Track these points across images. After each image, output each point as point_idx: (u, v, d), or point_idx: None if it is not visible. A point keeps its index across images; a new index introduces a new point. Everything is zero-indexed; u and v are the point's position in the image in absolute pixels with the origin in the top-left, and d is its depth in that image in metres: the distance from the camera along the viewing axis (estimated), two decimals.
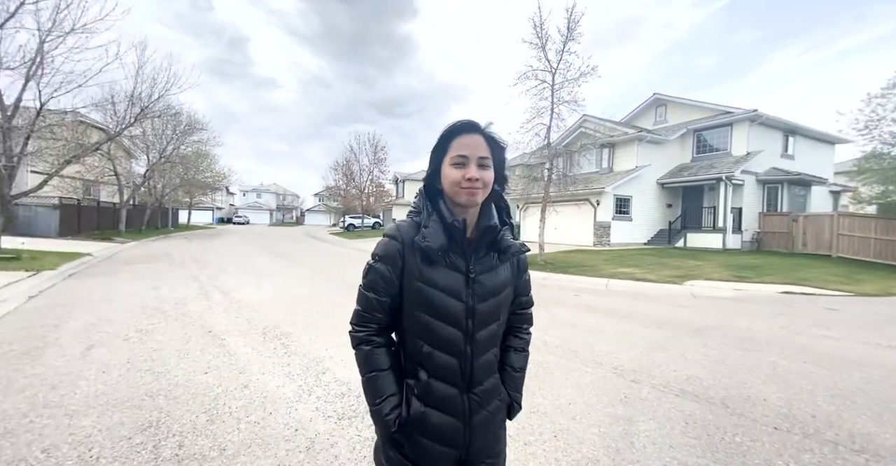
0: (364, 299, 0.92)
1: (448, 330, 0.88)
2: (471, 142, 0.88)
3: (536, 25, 10.79)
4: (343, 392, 2.72)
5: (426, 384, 0.89)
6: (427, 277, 0.87)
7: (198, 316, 4.59)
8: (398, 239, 0.90)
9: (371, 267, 0.92)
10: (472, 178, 0.86)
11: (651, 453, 2.04)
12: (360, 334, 0.92)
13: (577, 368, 3.24)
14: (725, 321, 5.05)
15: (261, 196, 65.49)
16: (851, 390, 2.93)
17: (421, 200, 0.95)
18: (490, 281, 0.92)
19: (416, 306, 0.89)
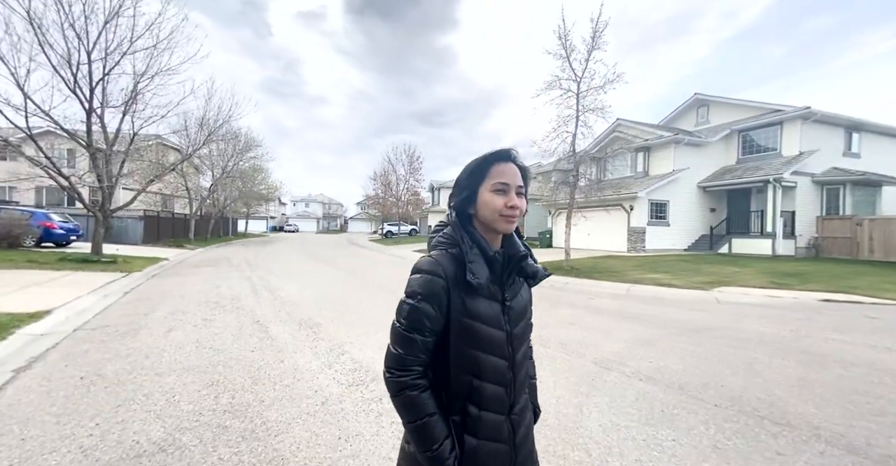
0: (406, 341, 0.85)
1: (494, 361, 0.88)
2: (509, 171, 0.89)
3: (561, 36, 11.10)
4: (355, 368, 3.33)
5: (477, 418, 0.87)
6: (473, 312, 0.86)
7: (249, 310, 5.50)
8: (441, 275, 0.85)
9: (414, 307, 0.85)
10: (514, 206, 0.87)
11: (594, 417, 2.41)
12: (403, 379, 0.84)
13: (559, 357, 3.60)
14: (734, 324, 5.04)
15: (309, 205, 70.20)
16: (819, 383, 3.02)
17: (457, 232, 0.91)
18: (518, 304, 0.94)
19: (463, 341, 0.86)
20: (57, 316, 4.83)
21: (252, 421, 2.42)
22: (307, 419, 2.47)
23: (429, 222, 35.87)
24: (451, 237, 0.91)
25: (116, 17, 9.39)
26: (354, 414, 2.53)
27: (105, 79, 9.83)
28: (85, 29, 9.23)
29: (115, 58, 9.70)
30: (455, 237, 0.90)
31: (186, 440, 2.19)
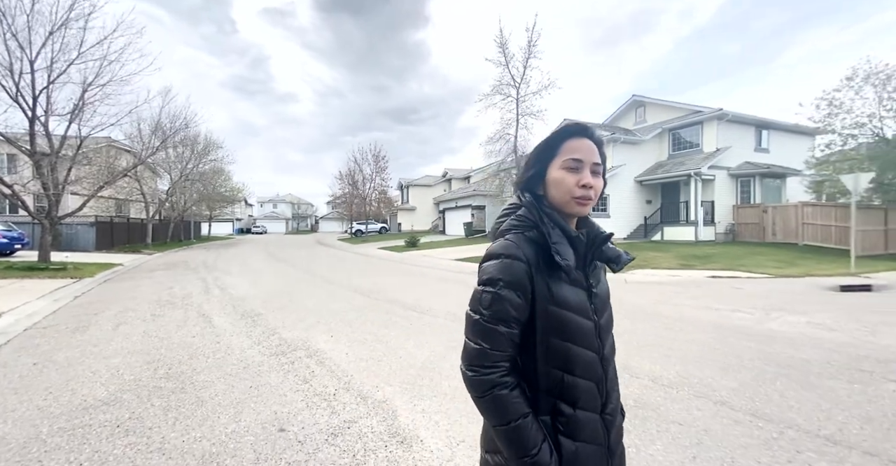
0: (489, 333, 0.76)
1: (586, 355, 0.81)
2: (584, 147, 0.81)
3: (500, 45, 12.01)
4: (280, 343, 4.02)
5: (573, 417, 0.79)
6: (560, 298, 0.78)
7: (197, 305, 6.02)
8: (523, 259, 0.77)
9: (496, 295, 0.76)
10: (587, 185, 0.79)
11: (444, 362, 3.25)
12: (490, 376, 0.76)
13: (449, 325, 4.44)
14: (618, 297, 6.10)
15: (277, 206, 68.62)
16: (639, 330, 4.02)
17: (534, 212, 0.82)
18: (603, 291, 0.88)
19: (552, 332, 0.78)
20: (6, 319, 5.18)
21: (183, 382, 3.07)
22: (228, 378, 3.15)
23: (398, 220, 36.36)
24: (527, 219, 0.82)
25: (64, 28, 9.39)
26: (268, 372, 3.24)
27: (49, 87, 9.80)
28: (28, 39, 9.19)
29: (61, 67, 9.69)
30: (531, 218, 0.81)
31: (126, 397, 2.83)
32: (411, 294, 6.84)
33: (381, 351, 3.75)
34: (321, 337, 4.27)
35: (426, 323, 4.81)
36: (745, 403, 2.62)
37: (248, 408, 2.62)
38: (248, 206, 66.58)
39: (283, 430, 2.33)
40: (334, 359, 3.55)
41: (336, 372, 3.26)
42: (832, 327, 4.35)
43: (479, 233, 22.81)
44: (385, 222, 41.29)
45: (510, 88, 12.19)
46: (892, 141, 11.14)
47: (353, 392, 2.87)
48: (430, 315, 5.20)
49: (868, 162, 11.62)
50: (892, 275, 8.20)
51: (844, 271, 8.45)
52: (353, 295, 6.77)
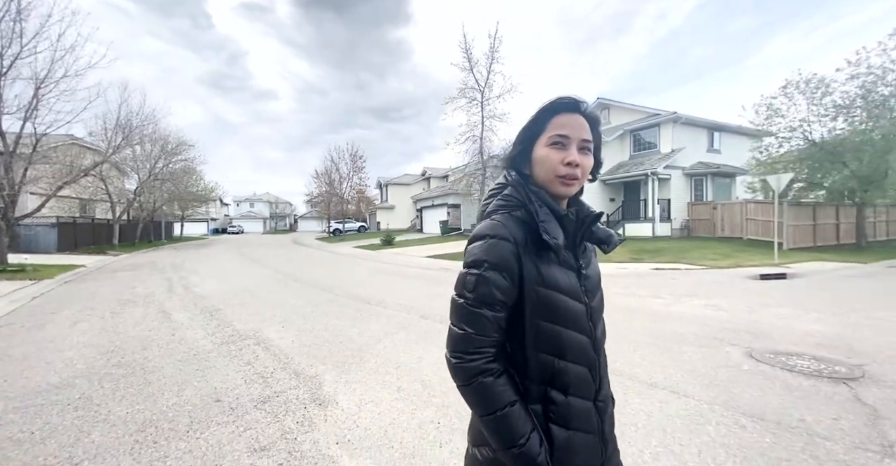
0: (475, 318, 0.72)
1: (577, 338, 0.77)
2: (573, 122, 0.76)
3: (464, 50, 12.46)
4: (232, 334, 4.34)
5: (565, 404, 0.75)
6: (549, 280, 0.74)
7: (158, 303, 6.21)
8: (510, 239, 0.73)
9: (481, 277, 0.72)
10: (572, 162, 0.74)
11: (378, 344, 3.67)
12: (474, 363, 0.71)
13: (395, 315, 4.87)
14: None
15: (254, 205, 67.23)
16: None
17: (521, 191, 0.78)
18: (593, 273, 0.84)
19: (541, 315, 0.74)
20: None
21: (133, 369, 3.36)
22: (177, 363, 3.46)
23: (377, 219, 36.45)
24: (514, 198, 0.79)
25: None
26: (216, 357, 3.57)
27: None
28: None
29: (7, 62, 9.49)
30: (518, 197, 0.78)
31: (78, 381, 3.11)
32: (371, 289, 7.21)
33: (325, 338, 4.13)
34: (273, 327, 4.60)
35: (375, 313, 5.20)
36: (610, 364, 3.15)
37: (191, 386, 2.95)
38: (224, 206, 64.96)
39: (218, 401, 2.69)
40: (280, 346, 3.91)
41: (279, 355, 3.62)
42: (722, 308, 5.02)
43: (454, 231, 23.30)
44: (364, 221, 41.28)
45: (475, 92, 12.67)
46: (818, 144, 12.23)
47: (290, 370, 3.24)
48: (381, 306, 5.60)
49: (799, 163, 12.72)
50: (808, 265, 9.15)
51: (771, 262, 9.34)
52: (316, 292, 7.08)
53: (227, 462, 2.00)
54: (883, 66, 11.07)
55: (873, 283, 7.09)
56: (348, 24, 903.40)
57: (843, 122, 11.95)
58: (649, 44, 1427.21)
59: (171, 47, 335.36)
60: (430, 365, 3.30)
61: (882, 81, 11.24)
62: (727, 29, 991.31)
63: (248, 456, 2.04)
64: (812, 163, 12.45)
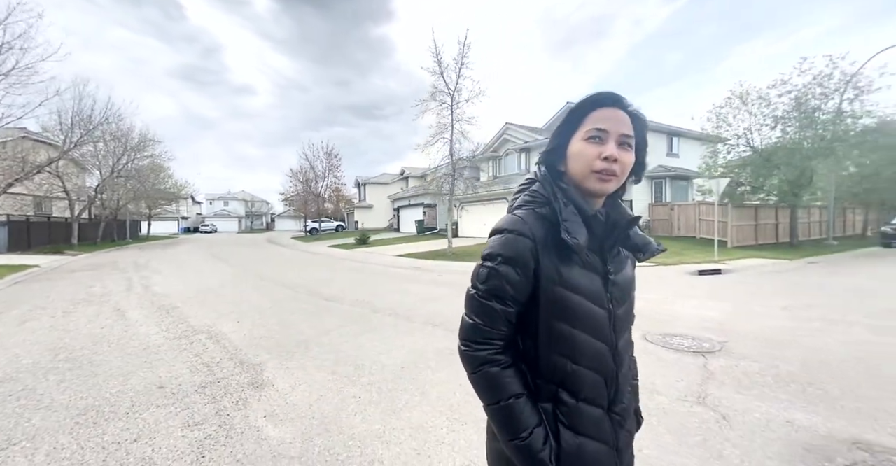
0: (484, 309, 0.73)
1: (594, 344, 0.75)
2: (613, 116, 0.72)
3: (434, 55, 12.73)
4: (186, 329, 4.49)
5: (575, 408, 0.74)
6: (569, 281, 0.72)
7: (114, 302, 6.21)
8: (528, 235, 0.72)
9: (493, 271, 0.73)
10: (609, 157, 0.71)
11: (325, 336, 3.94)
12: (481, 353, 0.73)
13: (350, 310, 5.14)
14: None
15: (228, 204, 65.29)
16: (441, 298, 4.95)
17: (547, 187, 0.77)
18: (623, 281, 0.80)
19: (557, 316, 0.73)
20: None
21: (81, 363, 3.49)
22: (126, 356, 3.61)
23: (355, 218, 36.28)
24: (541, 194, 0.78)
25: None
26: (166, 351, 3.74)
27: None
28: None
29: None
30: (545, 194, 0.77)
31: (23, 376, 3.22)
32: (335, 286, 7.42)
33: (277, 331, 4.35)
34: (228, 323, 4.76)
35: (331, 308, 5.44)
36: None
37: (137, 376, 3.13)
38: (196, 204, 62.77)
39: (161, 387, 2.90)
40: (231, 339, 4.10)
41: (228, 347, 3.82)
42: (649, 300, 5.56)
43: (430, 230, 23.60)
44: (342, 220, 40.96)
45: (445, 96, 12.97)
46: (758, 151, 13.28)
47: (236, 360, 3.46)
48: (339, 302, 5.83)
49: (743, 167, 13.76)
50: (743, 262, 9.99)
51: (712, 259, 10.14)
52: (279, 289, 7.22)
53: (160, 436, 2.23)
54: (808, 85, 12.18)
55: (788, 278, 7.89)
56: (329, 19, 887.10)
57: (779, 132, 13.03)
58: (627, 47, 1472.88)
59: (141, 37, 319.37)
60: (369, 351, 3.60)
61: (814, 95, 12.34)
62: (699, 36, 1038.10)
63: (181, 430, 2.28)
64: (754, 168, 13.49)
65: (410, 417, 2.41)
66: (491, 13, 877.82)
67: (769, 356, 3.35)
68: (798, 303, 5.28)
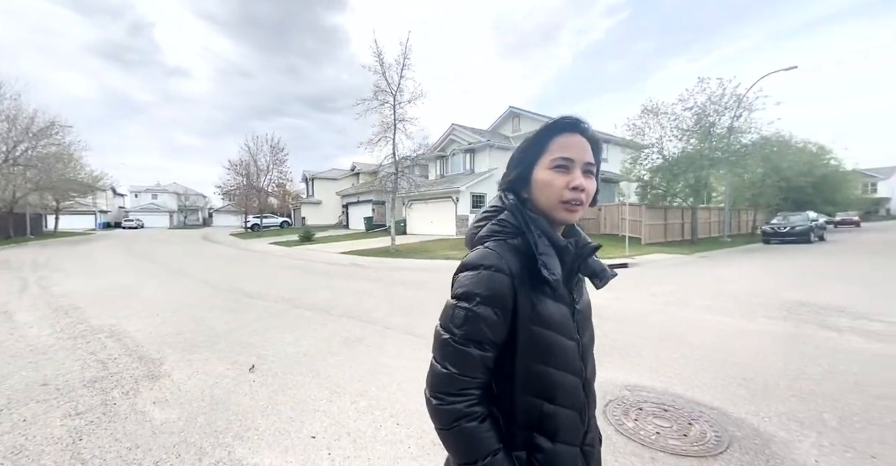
0: (461, 357, 0.67)
1: (568, 380, 0.72)
2: (576, 144, 0.71)
3: (376, 55, 12.81)
4: (84, 329, 4.33)
5: (552, 452, 0.70)
6: (543, 317, 0.69)
7: (2, 304, 5.68)
8: (505, 270, 0.67)
9: (471, 313, 0.67)
10: (578, 187, 0.69)
11: (236, 332, 4.07)
12: (457, 406, 0.66)
13: (272, 305, 5.26)
14: (439, 278, 7.57)
15: (157, 197, 59.33)
16: (370, 292, 5.36)
17: (518, 216, 0.72)
18: (584, 307, 0.80)
19: (532, 356, 0.69)
20: None
21: None
22: (8, 359, 3.46)
23: (302, 213, 34.93)
24: (511, 224, 0.73)
25: None
26: (56, 351, 3.63)
27: None
28: None
29: None
30: (516, 224, 0.73)
31: None
32: (263, 284, 7.36)
33: (188, 328, 4.36)
34: (136, 321, 4.65)
35: (252, 305, 5.48)
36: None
37: (18, 376, 3.06)
38: (118, 196, 56.35)
39: (45, 385, 2.89)
40: (135, 337, 4.06)
41: (129, 345, 3.80)
42: None
43: (379, 228, 23.54)
44: (288, 216, 39.22)
45: (387, 95, 13.12)
46: (668, 158, 15.15)
47: (135, 356, 3.49)
48: (262, 299, 5.88)
49: (656, 173, 15.58)
50: (649, 257, 11.42)
51: (623, 254, 11.45)
52: (202, 287, 7.01)
53: (36, 426, 2.30)
54: (705, 103, 14.13)
55: (676, 270, 9.23)
56: (276, 1, 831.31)
57: (684, 143, 14.94)
58: (573, 55, 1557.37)
59: (51, 5, 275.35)
60: (276, 342, 3.80)
61: (710, 113, 14.30)
62: (637, 48, 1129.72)
63: (60, 420, 2.37)
64: (664, 174, 15.34)
65: (296, 394, 2.70)
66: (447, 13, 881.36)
67: (615, 330, 4.08)
68: (666, 290, 6.31)
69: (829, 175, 22.19)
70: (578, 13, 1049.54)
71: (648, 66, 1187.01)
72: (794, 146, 20.82)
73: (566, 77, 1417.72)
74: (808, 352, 3.40)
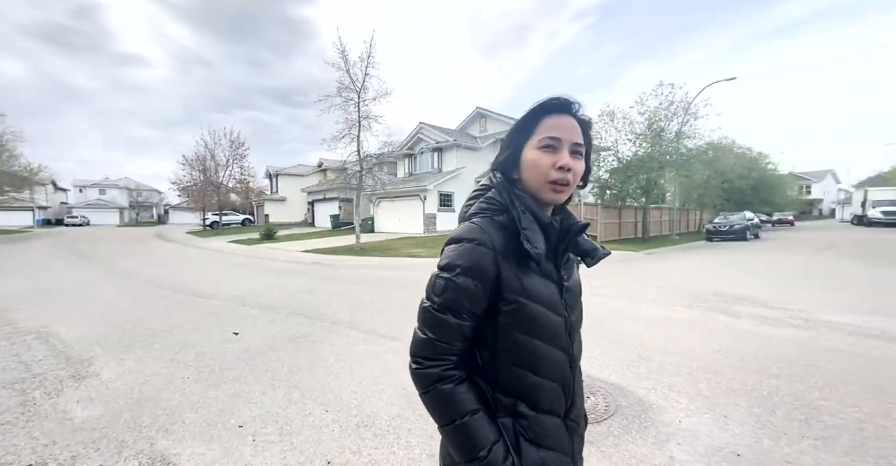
0: (439, 323, 0.70)
1: (555, 354, 0.75)
2: (564, 124, 0.72)
3: (340, 51, 12.64)
4: (10, 332, 4.11)
5: (535, 420, 0.73)
6: (529, 290, 0.71)
7: None
8: (488, 244, 0.69)
9: (451, 282, 0.69)
10: (564, 167, 0.70)
11: (176, 330, 4.04)
12: (434, 370, 0.69)
13: (218, 305, 5.20)
14: (397, 275, 7.72)
15: (105, 192, 55.17)
16: (321, 290, 5.49)
17: (504, 194, 0.75)
18: (575, 286, 0.82)
19: (518, 327, 0.71)
20: None
21: None
22: None
23: (265, 211, 33.73)
24: (497, 201, 0.76)
25: None
26: None
27: None
28: None
29: None
30: (501, 201, 0.75)
31: None
32: (213, 283, 7.18)
33: (124, 329, 4.25)
34: (68, 323, 4.46)
35: (197, 304, 5.38)
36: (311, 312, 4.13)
37: None
38: (60, 191, 51.85)
39: None
40: (65, 338, 3.91)
41: (57, 346, 3.68)
42: None
43: (346, 225, 23.22)
44: (251, 214, 37.76)
45: (351, 92, 13.02)
46: (622, 160, 16.09)
47: (62, 357, 3.39)
48: (209, 298, 5.77)
49: (612, 174, 16.48)
50: None
51: None
52: (146, 288, 6.75)
53: None
54: (657, 108, 15.14)
55: (623, 265, 9.91)
56: None
57: (637, 146, 15.91)
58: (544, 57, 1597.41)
59: None
60: (218, 340, 3.81)
61: (660, 118, 15.32)
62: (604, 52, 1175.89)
63: None
64: (618, 175, 16.26)
65: (230, 388, 2.77)
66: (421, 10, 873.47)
67: None
68: (603, 283, 6.80)
69: (766, 178, 24.34)
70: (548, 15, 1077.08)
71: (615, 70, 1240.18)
72: (734, 151, 22.65)
73: (538, 79, 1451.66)
74: (705, 335, 3.87)
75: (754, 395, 2.57)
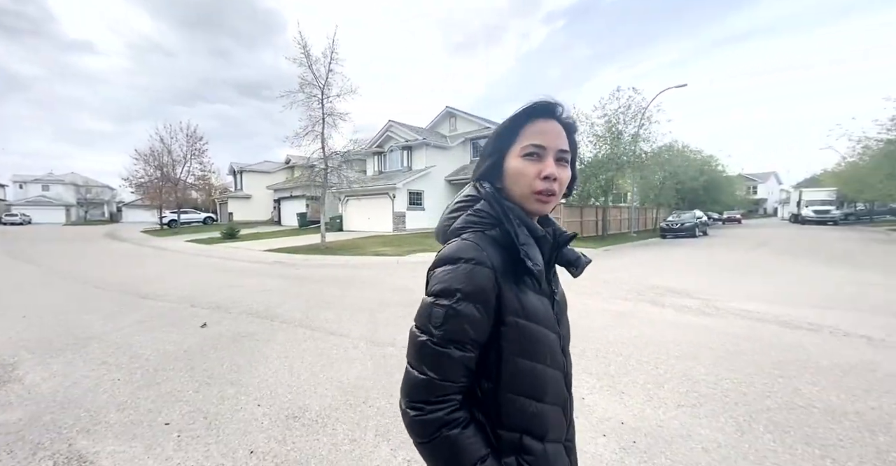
0: (441, 360, 0.62)
1: (553, 375, 0.70)
2: (549, 130, 0.67)
3: (302, 47, 12.38)
4: None
5: (542, 453, 0.67)
6: (528, 310, 0.66)
7: None
8: (487, 263, 0.63)
9: (452, 310, 0.62)
10: (549, 176, 0.66)
11: (115, 331, 3.93)
12: (437, 414, 0.61)
13: (165, 306, 5.07)
14: (349, 273, 7.76)
15: (49, 188, 50.97)
16: (281, 291, 5.53)
17: (496, 206, 0.69)
18: (562, 298, 0.78)
19: (519, 352, 0.65)
20: None
21: None
22: None
23: (229, 209, 32.38)
24: (488, 214, 0.70)
25: None
26: None
27: None
28: None
29: None
30: (494, 214, 0.70)
31: None
32: (163, 284, 6.92)
33: (56, 332, 4.08)
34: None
35: (143, 306, 5.21)
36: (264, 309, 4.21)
37: None
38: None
39: None
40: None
41: None
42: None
43: (313, 224, 22.75)
44: (214, 212, 36.14)
45: (314, 88, 12.80)
46: (583, 161, 16.82)
47: None
48: (157, 300, 5.59)
49: None
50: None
51: None
52: (88, 290, 6.41)
53: None
54: (616, 111, 15.94)
55: None
56: None
57: (598, 148, 16.66)
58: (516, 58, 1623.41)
59: None
60: (157, 342, 3.75)
61: (618, 121, 16.12)
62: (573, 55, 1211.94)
63: None
64: (582, 176, 16.96)
65: (162, 387, 2.78)
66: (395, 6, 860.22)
67: None
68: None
69: (716, 179, 26.14)
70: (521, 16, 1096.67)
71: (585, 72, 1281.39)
72: (686, 154, 24.17)
73: (511, 79, 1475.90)
74: (630, 323, 4.24)
75: (652, 373, 2.90)
